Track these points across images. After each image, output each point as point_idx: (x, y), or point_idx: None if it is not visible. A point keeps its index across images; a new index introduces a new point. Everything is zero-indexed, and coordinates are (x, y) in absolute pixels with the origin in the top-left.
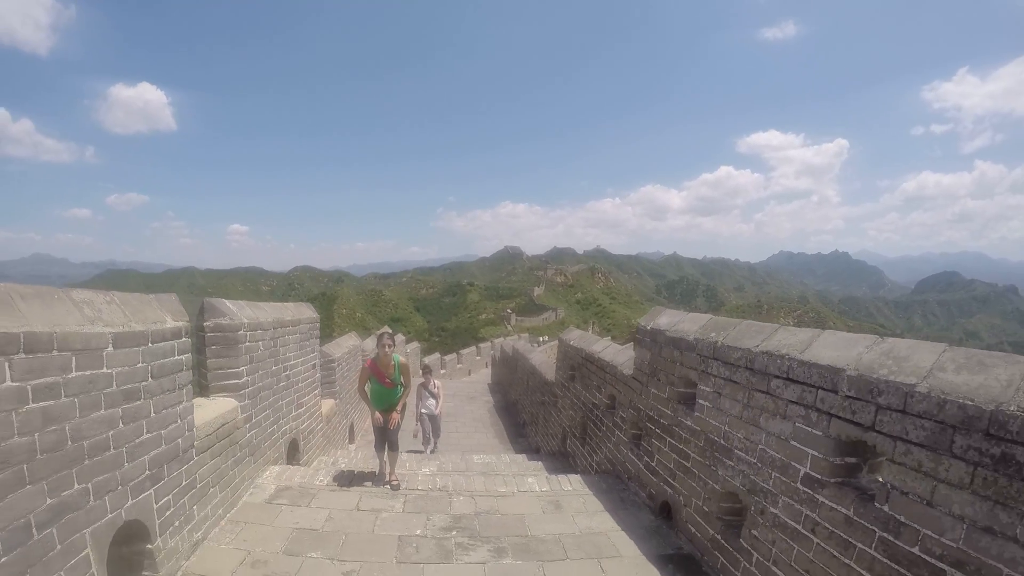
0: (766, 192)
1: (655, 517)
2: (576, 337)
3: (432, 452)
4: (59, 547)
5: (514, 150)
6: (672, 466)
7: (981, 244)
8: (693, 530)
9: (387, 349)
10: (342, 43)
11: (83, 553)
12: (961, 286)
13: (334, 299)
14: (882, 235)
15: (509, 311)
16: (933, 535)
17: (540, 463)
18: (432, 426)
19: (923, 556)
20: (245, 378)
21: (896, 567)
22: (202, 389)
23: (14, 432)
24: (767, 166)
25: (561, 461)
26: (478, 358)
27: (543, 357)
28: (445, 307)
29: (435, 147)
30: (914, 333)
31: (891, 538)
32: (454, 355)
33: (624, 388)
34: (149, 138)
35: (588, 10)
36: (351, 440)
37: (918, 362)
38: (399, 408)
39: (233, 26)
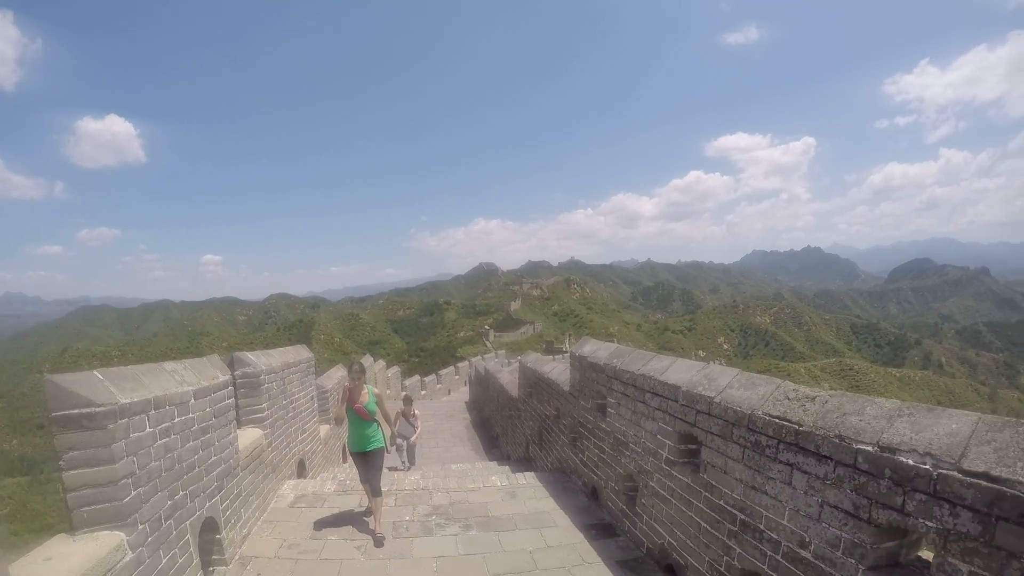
0: (736, 193)
1: (587, 499)
2: (532, 360)
3: (409, 468)
4: (174, 533)
5: (484, 166)
6: (596, 459)
7: (951, 230)
8: (610, 505)
9: (358, 383)
10: (307, 69)
11: (186, 538)
12: (933, 272)
13: (311, 325)
14: (853, 228)
15: (487, 327)
16: (728, 492)
17: (507, 467)
18: (408, 452)
19: (725, 506)
20: (266, 412)
21: (713, 513)
22: (236, 423)
23: (152, 459)
24: (736, 168)
25: (525, 465)
26: (456, 377)
27: (510, 377)
28: (423, 327)
29: (405, 167)
30: (890, 321)
31: (709, 495)
32: (433, 376)
33: (565, 401)
34: (118, 171)
35: (549, 23)
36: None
37: (720, 382)
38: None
39: (199, 55)
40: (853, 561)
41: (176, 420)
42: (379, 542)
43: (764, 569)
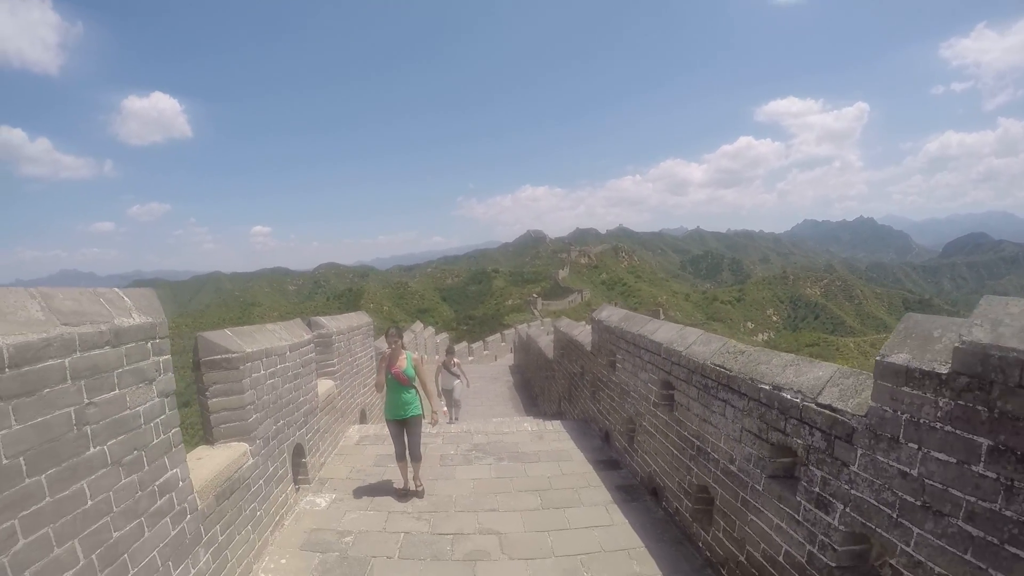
0: (787, 160)
1: (601, 441)
2: (565, 325)
3: (455, 421)
4: (277, 450)
5: (531, 133)
6: (608, 407)
7: (1008, 203)
8: (617, 444)
9: (394, 346)
10: (355, 40)
11: (284, 456)
12: (989, 247)
13: (360, 294)
14: (907, 198)
15: (535, 295)
16: (689, 424)
17: (540, 419)
18: (454, 396)
19: (688, 435)
20: (336, 367)
21: (681, 443)
22: (315, 373)
23: (264, 393)
24: (787, 134)
25: (557, 419)
26: (503, 344)
27: (548, 340)
28: (471, 295)
29: (452, 136)
30: (943, 298)
31: (679, 429)
32: (480, 343)
33: (587, 360)
34: (166, 147)
35: None
36: None
37: (688, 340)
38: (433, 417)
39: (244, 28)
40: (759, 471)
41: (278, 366)
42: (420, 494)
43: (710, 483)
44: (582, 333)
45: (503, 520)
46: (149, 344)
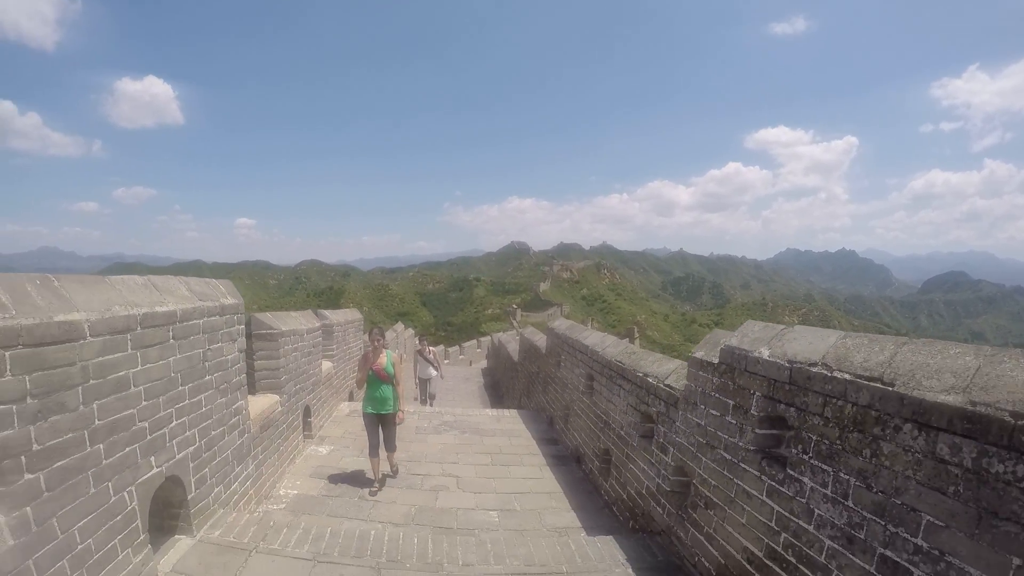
0: (774, 189)
1: (547, 426)
2: (528, 332)
3: (431, 406)
4: (294, 406)
5: (522, 145)
6: (553, 399)
7: (989, 244)
8: (557, 426)
9: (377, 344)
10: (350, 37)
11: (298, 412)
12: (968, 286)
13: (341, 293)
14: (890, 233)
15: (514, 306)
16: (601, 405)
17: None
18: (429, 390)
19: (599, 413)
20: (335, 351)
21: (596, 419)
22: (320, 354)
23: (290, 362)
24: (776, 163)
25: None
26: (479, 350)
27: (515, 346)
28: (451, 302)
29: (443, 142)
30: (920, 333)
31: (595, 409)
32: (457, 347)
33: (542, 361)
34: (156, 132)
35: (598, 5)
36: None
37: (605, 344)
38: (399, 416)
39: (240, 19)
40: (635, 432)
41: (299, 344)
42: (394, 474)
43: (610, 446)
44: (541, 339)
45: (461, 469)
46: (235, 316)
